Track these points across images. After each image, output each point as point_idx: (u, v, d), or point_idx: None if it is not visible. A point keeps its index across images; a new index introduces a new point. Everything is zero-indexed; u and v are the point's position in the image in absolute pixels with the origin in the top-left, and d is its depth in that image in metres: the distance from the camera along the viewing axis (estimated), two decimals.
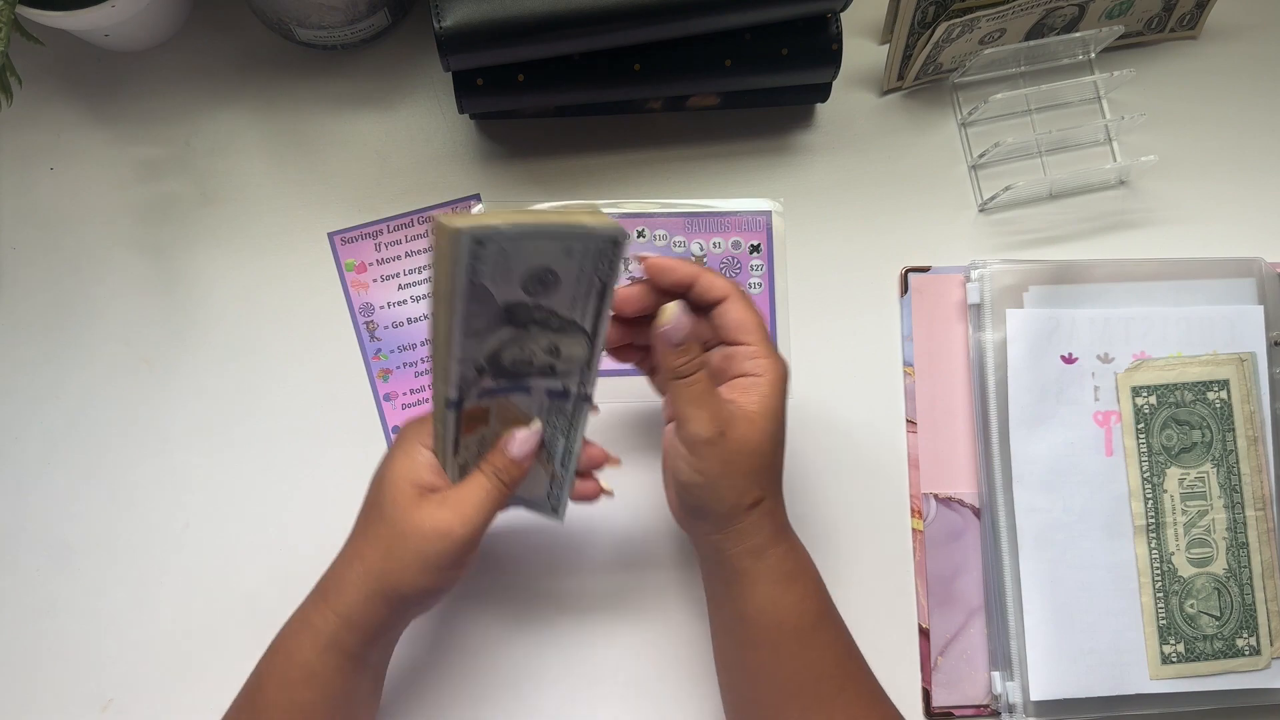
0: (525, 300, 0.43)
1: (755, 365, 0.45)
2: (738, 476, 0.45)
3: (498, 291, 0.41)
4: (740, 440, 0.44)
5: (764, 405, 0.45)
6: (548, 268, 0.42)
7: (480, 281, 0.40)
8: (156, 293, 0.61)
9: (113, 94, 0.63)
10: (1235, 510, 0.57)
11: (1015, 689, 0.56)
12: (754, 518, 0.45)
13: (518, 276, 0.41)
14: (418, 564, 0.44)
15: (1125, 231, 0.64)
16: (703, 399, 0.45)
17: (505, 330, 0.43)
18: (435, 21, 0.53)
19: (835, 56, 0.59)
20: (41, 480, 0.58)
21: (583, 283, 0.43)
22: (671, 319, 0.45)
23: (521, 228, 0.40)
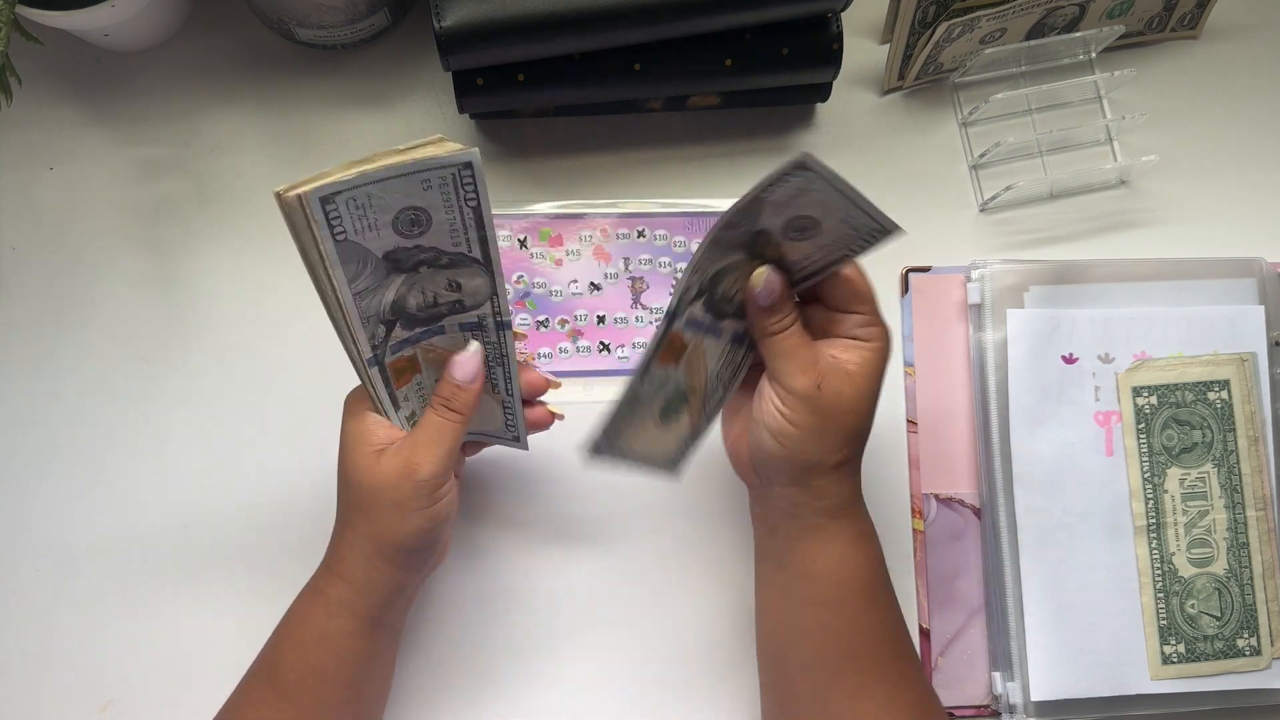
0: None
1: (865, 331, 0.46)
2: (830, 432, 0.45)
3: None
4: (836, 395, 0.44)
5: (865, 367, 0.45)
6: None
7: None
8: (156, 292, 0.61)
9: (113, 94, 0.63)
10: (1236, 510, 0.57)
11: (1016, 689, 0.56)
12: (836, 477, 0.46)
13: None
14: (396, 512, 0.45)
15: (1126, 231, 0.64)
16: (798, 351, 0.45)
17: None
18: (435, 21, 0.53)
19: (835, 56, 0.59)
20: (41, 480, 0.58)
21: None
22: (762, 283, 0.45)
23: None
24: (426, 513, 0.45)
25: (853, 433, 0.46)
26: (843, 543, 0.46)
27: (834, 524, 0.46)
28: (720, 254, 0.44)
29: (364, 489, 0.45)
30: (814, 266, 0.46)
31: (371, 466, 0.45)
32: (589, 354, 0.61)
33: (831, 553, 0.46)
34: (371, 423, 0.47)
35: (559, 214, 0.62)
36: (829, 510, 0.46)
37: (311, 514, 0.58)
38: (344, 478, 0.47)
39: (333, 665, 0.47)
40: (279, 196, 0.39)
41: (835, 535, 0.46)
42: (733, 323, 0.47)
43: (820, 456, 0.45)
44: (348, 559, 0.46)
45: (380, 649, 0.49)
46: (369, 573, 0.46)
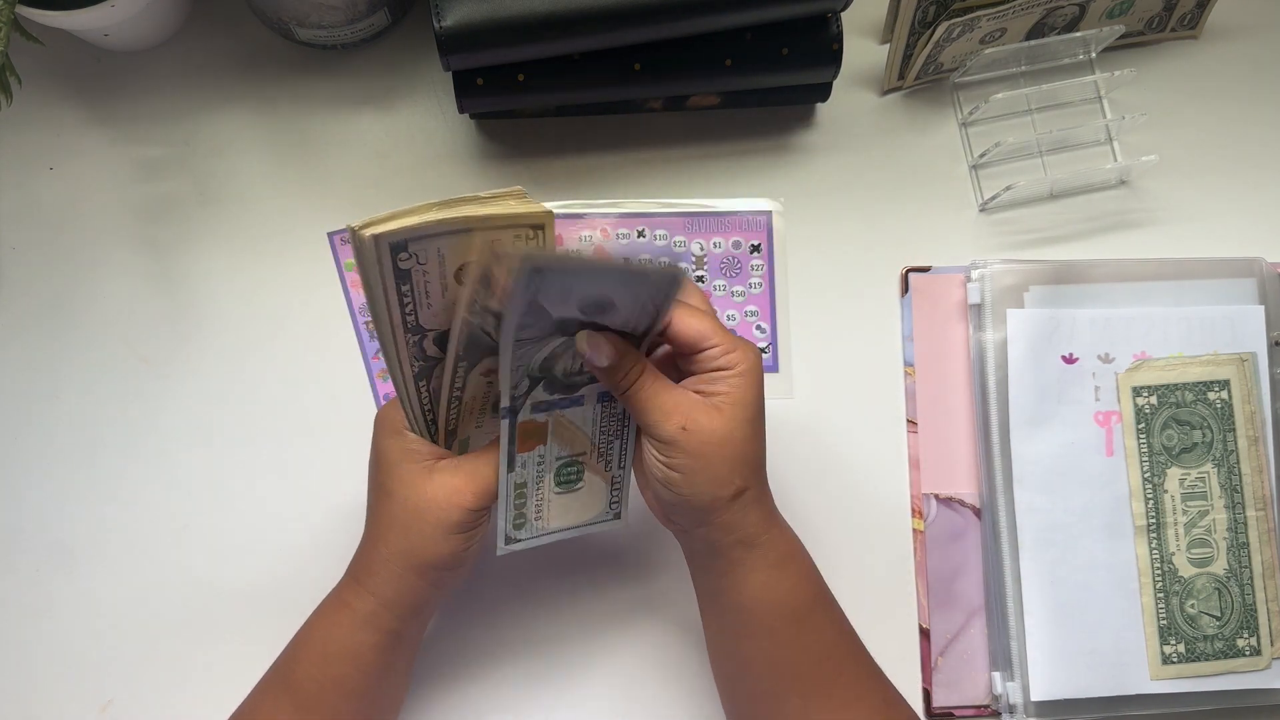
0: (579, 317, 0.43)
1: (724, 359, 0.45)
2: (714, 467, 0.44)
3: (553, 309, 0.42)
4: (708, 431, 0.44)
5: (732, 394, 0.45)
6: (607, 298, 0.42)
7: (538, 301, 0.40)
8: (156, 292, 0.61)
9: (113, 94, 0.63)
10: (1236, 510, 0.57)
11: (1016, 689, 0.56)
12: (739, 507, 0.45)
13: (575, 301, 0.42)
14: (439, 533, 0.45)
15: (1126, 231, 0.64)
16: (656, 399, 0.44)
17: (555, 339, 0.44)
18: (435, 21, 0.53)
19: (836, 56, 0.59)
20: (40, 480, 0.58)
21: (638, 309, 0.44)
22: (587, 348, 0.44)
23: (584, 264, 0.40)
24: (468, 536, 0.46)
25: (738, 461, 0.45)
26: (763, 571, 0.46)
27: (752, 554, 0.46)
28: (529, 353, 0.44)
29: (408, 506, 0.45)
30: (643, 325, 0.45)
31: (421, 483, 0.45)
32: None
33: (753, 583, 0.46)
34: (412, 440, 0.46)
35: (559, 214, 0.62)
36: (743, 541, 0.46)
37: (312, 513, 0.58)
38: (384, 492, 0.46)
39: (353, 677, 0.46)
40: (353, 232, 0.39)
41: (755, 565, 0.46)
42: (593, 386, 0.47)
43: (712, 492, 0.44)
44: (379, 574, 0.46)
45: (399, 662, 0.49)
46: (400, 588, 0.46)
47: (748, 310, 0.62)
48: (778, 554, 0.46)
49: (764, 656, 0.47)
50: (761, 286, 0.62)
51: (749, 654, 0.47)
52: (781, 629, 0.46)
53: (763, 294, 0.62)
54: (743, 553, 0.46)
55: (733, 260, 0.62)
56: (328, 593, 0.49)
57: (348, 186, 0.62)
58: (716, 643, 0.50)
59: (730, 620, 0.47)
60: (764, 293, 0.62)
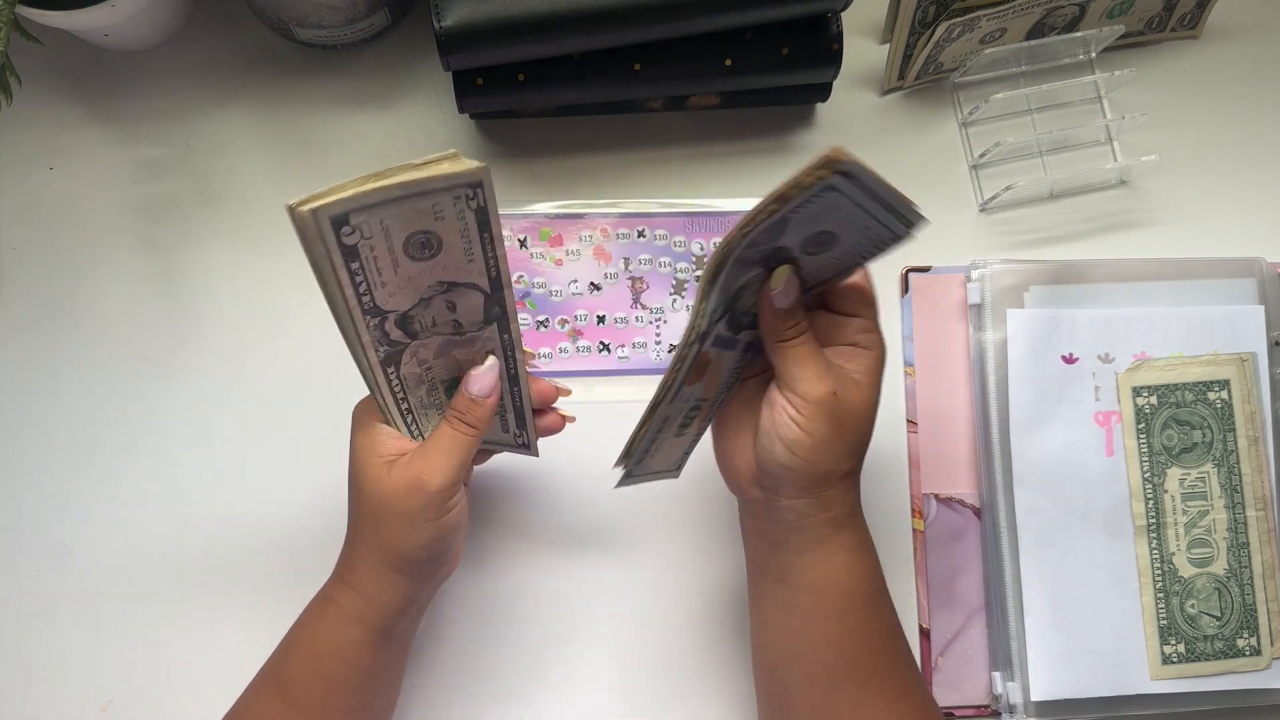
0: (794, 251, 0.43)
1: (865, 338, 0.46)
2: (843, 440, 0.45)
3: (792, 234, 0.42)
4: (852, 404, 0.45)
5: (869, 375, 0.45)
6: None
7: (790, 218, 0.41)
8: (156, 292, 0.61)
9: (113, 94, 0.63)
10: (1236, 510, 0.57)
11: (1016, 689, 0.56)
12: (843, 486, 0.46)
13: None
14: (406, 525, 0.45)
15: (1126, 231, 0.64)
16: (813, 358, 0.45)
17: (757, 269, 0.44)
18: (435, 21, 0.53)
19: (836, 56, 0.59)
20: (40, 479, 0.58)
21: (851, 255, 0.44)
22: (782, 284, 0.44)
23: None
24: (436, 524, 0.45)
25: (862, 441, 0.46)
26: (846, 554, 0.46)
27: (839, 535, 0.46)
28: (742, 271, 0.44)
29: (374, 500, 0.45)
30: (825, 275, 0.46)
31: (382, 478, 0.45)
32: (589, 354, 0.61)
33: (836, 564, 0.46)
34: (381, 434, 0.46)
35: (559, 214, 0.62)
36: (835, 521, 0.46)
37: (312, 513, 0.58)
38: (355, 489, 0.47)
39: (343, 674, 0.46)
40: (291, 210, 0.39)
41: (840, 546, 0.46)
42: (747, 333, 0.47)
43: (833, 465, 0.45)
44: (359, 570, 0.46)
45: (390, 658, 0.49)
46: (380, 583, 0.46)
47: None
48: (859, 538, 0.47)
49: (830, 640, 0.46)
50: None
51: (814, 636, 0.47)
52: (853, 614, 0.46)
53: None
54: (832, 531, 0.46)
55: None
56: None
57: None
58: (773, 624, 0.48)
59: (800, 599, 0.47)
60: None
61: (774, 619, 0.48)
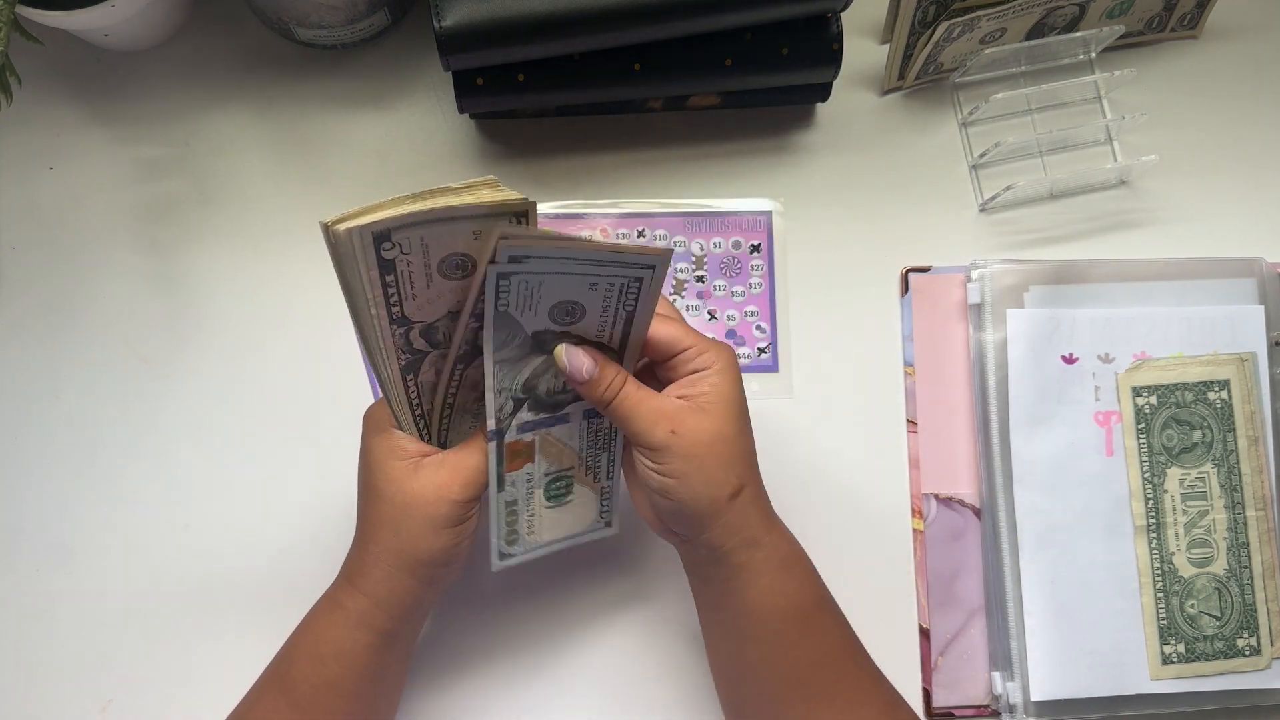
0: (553, 328, 0.43)
1: (699, 361, 0.45)
2: (708, 469, 0.44)
3: (525, 320, 0.42)
4: (696, 431, 0.44)
5: (715, 392, 0.45)
6: (576, 303, 0.42)
7: (509, 312, 0.41)
8: (156, 292, 0.61)
9: (113, 94, 0.63)
10: (1236, 510, 0.57)
11: (1016, 689, 0.56)
12: (739, 508, 0.45)
13: (545, 307, 0.42)
14: (427, 528, 0.45)
15: (1126, 231, 0.64)
16: (641, 407, 0.44)
17: (536, 357, 0.44)
18: (435, 21, 0.53)
19: (836, 56, 0.59)
20: (40, 480, 0.58)
21: (610, 313, 0.44)
22: (565, 362, 0.44)
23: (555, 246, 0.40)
24: (456, 530, 0.45)
25: (731, 459, 0.45)
26: (768, 575, 0.46)
27: (756, 555, 0.45)
28: (510, 373, 0.44)
29: (395, 502, 0.45)
30: (618, 333, 0.45)
31: (406, 479, 0.45)
32: None
33: (760, 587, 0.46)
34: (398, 437, 0.46)
35: (559, 214, 0.62)
36: (746, 544, 0.45)
37: (312, 513, 0.58)
38: (370, 491, 0.46)
39: (347, 678, 0.46)
40: (327, 228, 0.39)
41: (760, 569, 0.46)
42: (578, 403, 0.47)
43: (710, 494, 0.44)
44: (371, 573, 0.46)
45: (394, 662, 0.49)
46: (391, 587, 0.46)
47: (747, 310, 0.62)
48: (780, 556, 0.46)
49: (768, 661, 0.47)
50: (761, 286, 0.62)
51: (752, 659, 0.47)
52: (786, 633, 0.46)
53: (763, 294, 0.62)
54: (747, 555, 0.45)
55: (732, 260, 0.62)
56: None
57: (348, 186, 0.62)
58: (719, 649, 0.50)
59: (734, 626, 0.47)
60: (764, 293, 0.62)
61: (718, 646, 0.49)
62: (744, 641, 0.47)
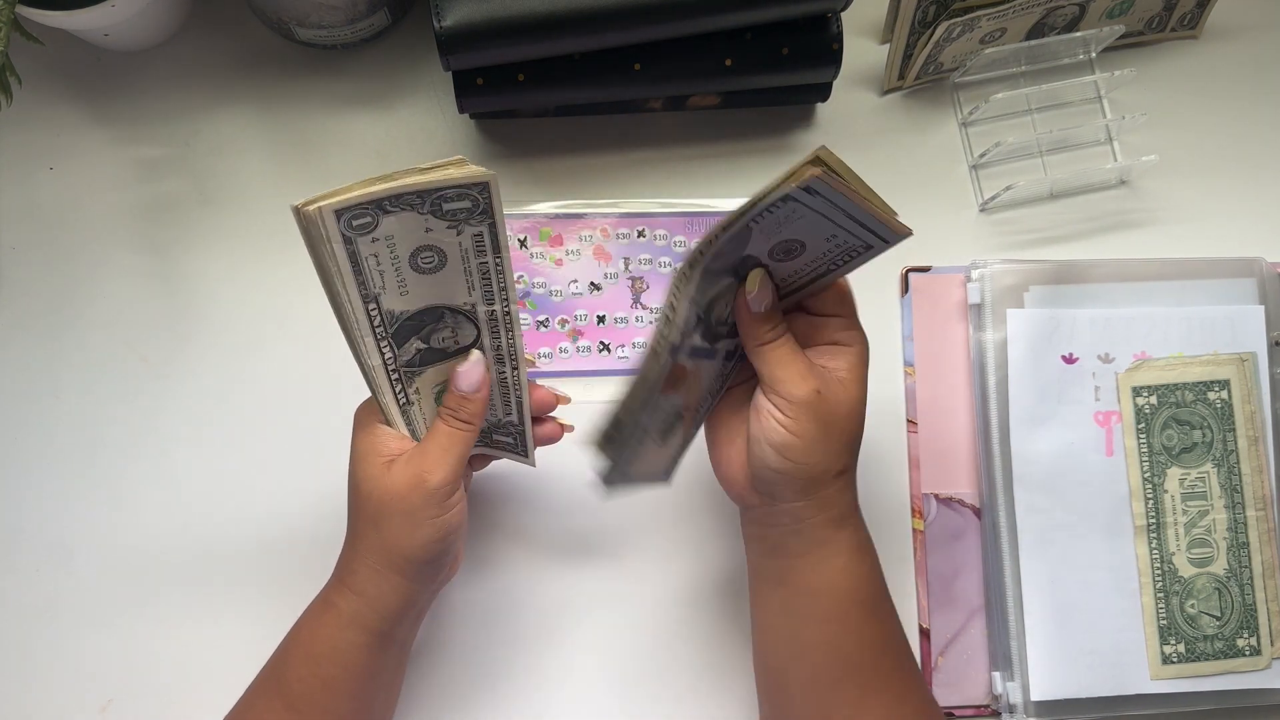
0: (764, 259, 0.44)
1: (846, 335, 0.46)
2: (832, 439, 0.45)
3: (757, 242, 0.42)
4: (838, 403, 0.45)
5: (853, 371, 0.45)
6: (802, 241, 0.42)
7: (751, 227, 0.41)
8: (156, 292, 0.61)
9: (113, 94, 0.63)
10: (1236, 510, 0.57)
11: (1016, 689, 0.56)
12: (839, 485, 0.45)
13: (781, 238, 0.42)
14: (407, 523, 0.45)
15: (1126, 231, 0.64)
16: (793, 359, 0.45)
17: (727, 279, 0.44)
18: (435, 21, 0.53)
19: (836, 56, 0.59)
20: (40, 479, 0.58)
21: (822, 262, 0.44)
22: (756, 289, 0.45)
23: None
24: (437, 523, 0.45)
25: (852, 439, 0.46)
26: (845, 555, 0.46)
27: (838, 536, 0.46)
28: (712, 282, 0.44)
29: (374, 500, 0.45)
30: (799, 282, 0.46)
31: (381, 477, 0.45)
32: (589, 354, 0.61)
33: (835, 566, 0.46)
34: (382, 434, 0.46)
35: (559, 214, 0.62)
36: (833, 521, 0.46)
37: (311, 513, 0.58)
38: (355, 490, 0.47)
39: (342, 678, 0.46)
40: (297, 210, 0.39)
41: (839, 548, 0.46)
42: (725, 342, 0.47)
43: (825, 465, 0.45)
44: (359, 572, 0.46)
45: (389, 662, 0.49)
46: (380, 585, 0.46)
47: None
48: (859, 539, 0.47)
49: (831, 642, 0.46)
50: None
51: (814, 638, 0.47)
52: (853, 616, 0.46)
53: None
54: (831, 533, 0.46)
55: None
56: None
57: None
58: (773, 626, 0.49)
59: (800, 602, 0.47)
60: None
61: (774, 622, 0.48)
62: (805, 620, 0.47)
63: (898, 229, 0.42)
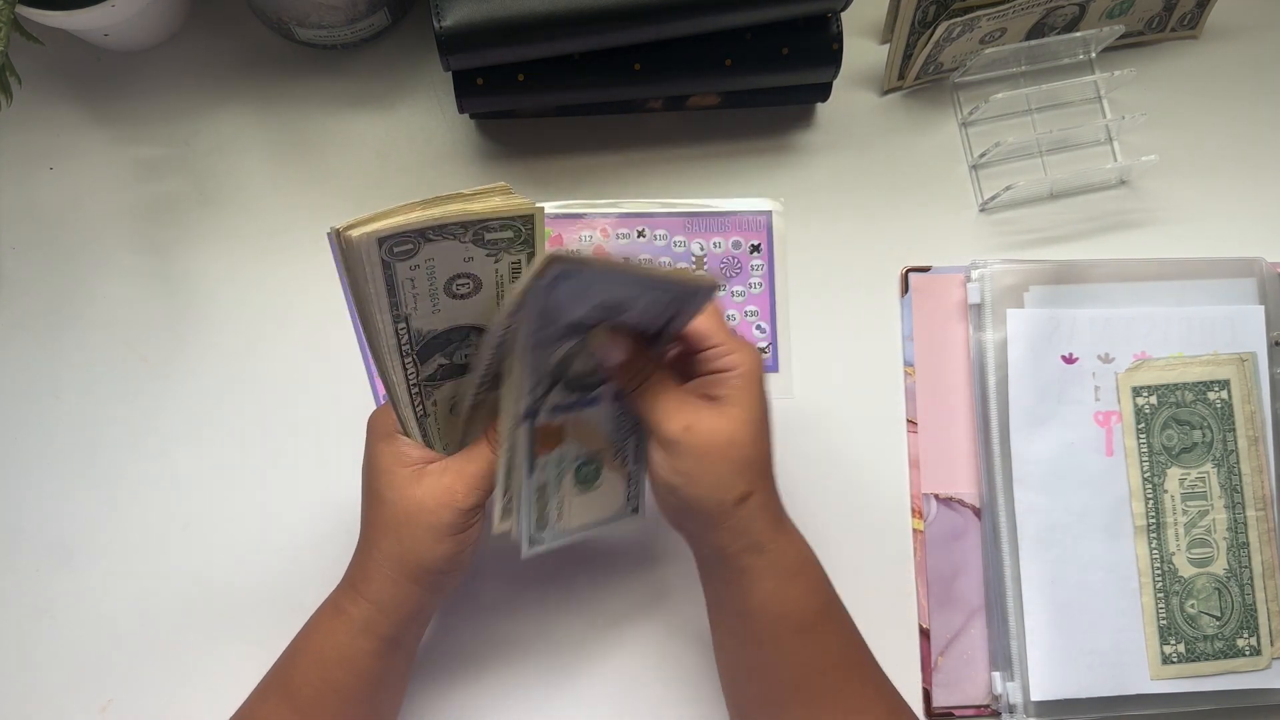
0: (593, 319, 0.43)
1: (723, 361, 0.45)
2: (718, 471, 0.44)
3: (568, 312, 0.42)
4: (711, 432, 0.44)
5: (736, 396, 0.45)
6: (623, 301, 0.42)
7: (555, 301, 0.41)
8: (156, 292, 0.61)
9: (113, 94, 0.63)
10: (1236, 510, 0.57)
11: (1016, 689, 0.56)
12: (746, 512, 0.45)
13: (592, 303, 0.42)
14: (430, 536, 0.45)
15: (1126, 231, 0.64)
16: (662, 399, 0.45)
17: (571, 340, 0.44)
18: (435, 21, 0.53)
19: (836, 56, 0.59)
20: (40, 479, 0.58)
21: (653, 313, 0.44)
22: (600, 345, 0.45)
23: (612, 270, 0.39)
24: (460, 539, 0.45)
25: (742, 465, 0.44)
26: (771, 580, 0.45)
27: (758, 563, 0.45)
28: (547, 355, 0.44)
29: (399, 509, 0.45)
30: (655, 327, 0.45)
31: (410, 486, 0.45)
32: None
33: (762, 590, 0.45)
34: (403, 443, 0.46)
35: (559, 214, 0.62)
36: (751, 547, 0.45)
37: (312, 514, 0.58)
38: (374, 497, 0.46)
39: (350, 683, 0.46)
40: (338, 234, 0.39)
41: (763, 573, 0.45)
42: (608, 386, 0.47)
43: (717, 496, 0.44)
44: (374, 579, 0.46)
45: (397, 668, 0.49)
46: (394, 593, 0.46)
47: (748, 310, 0.62)
48: (786, 563, 0.46)
49: (768, 665, 0.46)
50: (761, 286, 0.62)
51: (753, 661, 0.47)
52: (786, 639, 0.46)
53: (763, 294, 0.62)
54: (751, 559, 0.45)
55: (732, 260, 0.62)
56: (326, 595, 0.49)
57: (348, 186, 0.62)
58: (723, 647, 0.50)
59: (736, 626, 0.47)
60: (764, 293, 0.62)
61: (723, 643, 0.49)
62: (744, 643, 0.47)
63: (694, 282, 0.42)
